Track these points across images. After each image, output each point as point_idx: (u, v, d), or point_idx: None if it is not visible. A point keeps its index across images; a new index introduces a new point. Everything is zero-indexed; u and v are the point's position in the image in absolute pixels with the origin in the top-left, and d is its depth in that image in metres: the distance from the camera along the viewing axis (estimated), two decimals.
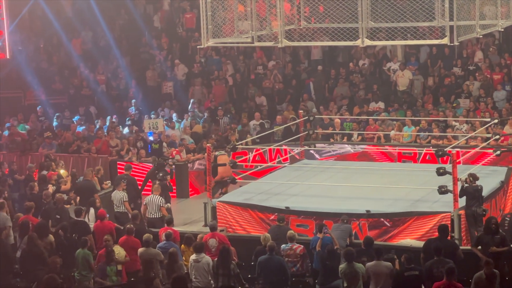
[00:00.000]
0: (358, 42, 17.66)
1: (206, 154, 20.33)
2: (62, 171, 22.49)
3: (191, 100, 28.91)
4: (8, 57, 28.30)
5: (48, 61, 32.50)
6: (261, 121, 26.88)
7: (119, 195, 20.13)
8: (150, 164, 22.74)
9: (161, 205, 19.60)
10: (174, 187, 22.64)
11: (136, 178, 21.81)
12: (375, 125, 25.32)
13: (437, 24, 17.71)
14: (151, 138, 25.43)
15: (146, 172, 22.49)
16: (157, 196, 19.70)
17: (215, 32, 18.19)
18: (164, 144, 25.01)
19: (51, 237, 17.07)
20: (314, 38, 29.74)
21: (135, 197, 20.82)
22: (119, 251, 16.43)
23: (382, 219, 18.02)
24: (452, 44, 17.27)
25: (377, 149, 24.50)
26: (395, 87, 28.18)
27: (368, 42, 17.71)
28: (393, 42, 19.11)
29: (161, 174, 21.24)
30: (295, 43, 19.53)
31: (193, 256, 15.62)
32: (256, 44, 18.96)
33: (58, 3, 32.51)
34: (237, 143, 22.86)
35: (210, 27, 18.09)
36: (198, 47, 20.81)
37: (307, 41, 19.74)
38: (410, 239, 17.58)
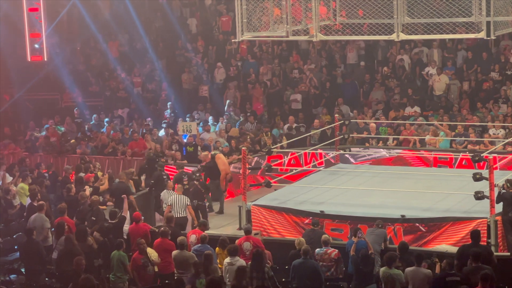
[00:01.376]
0: (393, 36, 17.70)
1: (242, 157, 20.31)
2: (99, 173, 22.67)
3: (227, 102, 28.95)
4: (45, 59, 28.55)
5: (84, 64, 32.71)
6: (295, 124, 26.83)
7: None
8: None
9: (188, 204, 19.67)
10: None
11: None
12: (411, 129, 25.18)
13: (475, 20, 17.67)
14: (186, 140, 25.50)
15: None
16: (182, 195, 19.79)
17: (249, 28, 18.27)
18: (199, 147, 25.08)
19: (90, 240, 17.19)
20: (349, 42, 29.89)
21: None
22: (152, 253, 16.48)
23: (417, 224, 17.90)
24: (488, 38, 17.31)
25: (413, 153, 24.35)
26: (431, 91, 28.04)
27: (403, 36, 17.74)
28: (428, 36, 19.00)
29: (197, 174, 21.36)
30: (330, 37, 19.59)
31: (227, 259, 15.63)
32: (291, 38, 19.03)
33: (96, 5, 32.72)
34: (272, 147, 22.86)
35: (245, 21, 18.14)
36: (233, 40, 20.93)
37: (342, 35, 19.72)
38: (445, 245, 17.44)
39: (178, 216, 19.51)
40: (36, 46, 28.09)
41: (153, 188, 21.56)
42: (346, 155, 24.53)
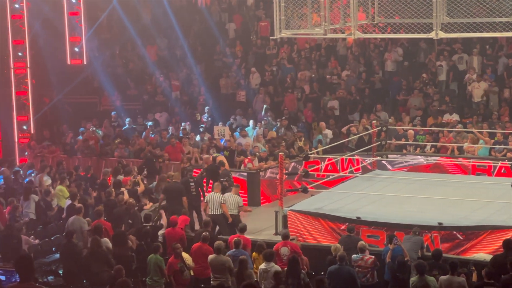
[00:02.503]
0: (432, 35, 17.64)
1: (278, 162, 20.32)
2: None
3: (264, 107, 28.96)
4: (85, 63, 28.77)
5: (123, 67, 32.88)
6: (327, 130, 26.74)
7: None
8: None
9: (222, 202, 19.82)
10: (246, 195, 22.70)
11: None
12: (450, 136, 25.02)
13: None
14: (223, 144, 25.57)
15: None
16: (217, 194, 19.95)
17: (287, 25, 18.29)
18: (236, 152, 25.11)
19: (129, 242, 17.28)
20: (388, 48, 29.76)
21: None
22: (187, 258, 16.53)
23: (454, 232, 17.75)
24: None
25: (451, 161, 24.19)
26: (470, 98, 27.85)
27: (442, 35, 17.66)
28: (467, 35, 18.80)
29: (225, 178, 21.48)
30: (368, 35, 19.52)
31: (262, 265, 15.62)
32: (329, 35, 19.01)
33: (135, 10, 32.91)
34: (309, 152, 22.84)
35: (283, 18, 18.13)
36: (271, 38, 20.94)
37: (380, 34, 19.69)
38: (483, 253, 17.28)
39: (213, 213, 19.75)
40: (76, 49, 28.37)
41: None
42: (383, 162, 24.44)
